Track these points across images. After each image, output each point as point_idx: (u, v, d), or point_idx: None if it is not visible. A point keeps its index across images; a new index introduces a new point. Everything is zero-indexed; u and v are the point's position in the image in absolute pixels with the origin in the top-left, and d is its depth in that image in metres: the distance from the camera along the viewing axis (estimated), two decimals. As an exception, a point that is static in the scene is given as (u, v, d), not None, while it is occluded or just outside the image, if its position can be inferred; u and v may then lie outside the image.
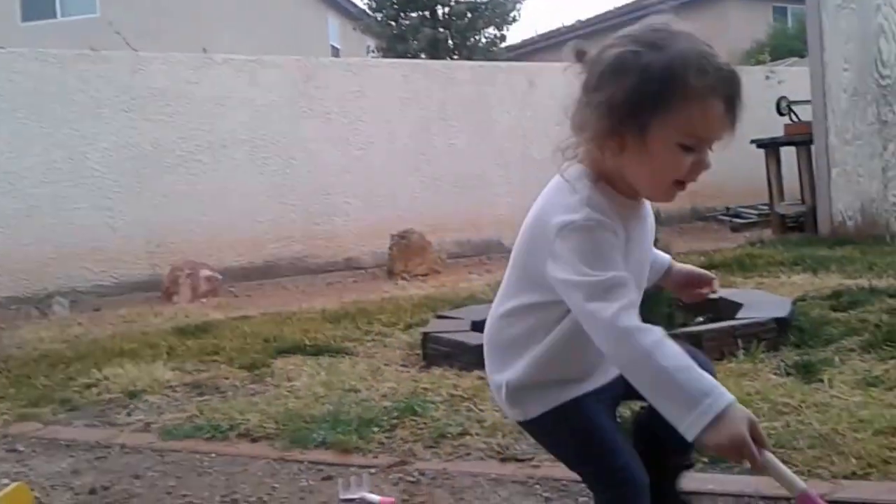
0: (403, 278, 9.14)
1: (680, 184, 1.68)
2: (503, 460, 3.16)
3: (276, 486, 3.12)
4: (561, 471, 2.99)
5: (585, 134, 1.67)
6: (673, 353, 1.57)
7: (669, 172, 1.66)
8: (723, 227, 12.16)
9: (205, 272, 8.63)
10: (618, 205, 1.70)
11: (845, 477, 2.67)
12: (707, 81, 1.56)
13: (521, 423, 1.99)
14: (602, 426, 1.85)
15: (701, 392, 1.53)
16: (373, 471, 3.15)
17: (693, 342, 4.19)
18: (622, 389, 1.87)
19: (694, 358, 1.65)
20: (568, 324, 1.80)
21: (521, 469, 3.06)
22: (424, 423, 3.61)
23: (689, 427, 1.53)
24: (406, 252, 9.48)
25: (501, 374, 1.95)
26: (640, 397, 1.72)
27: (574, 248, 1.63)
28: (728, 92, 1.59)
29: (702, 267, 7.48)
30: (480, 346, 4.46)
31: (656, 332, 1.59)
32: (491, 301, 6.78)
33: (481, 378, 4.24)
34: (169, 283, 8.56)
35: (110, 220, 9.18)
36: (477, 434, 3.44)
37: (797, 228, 9.88)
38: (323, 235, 10.25)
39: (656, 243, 4.67)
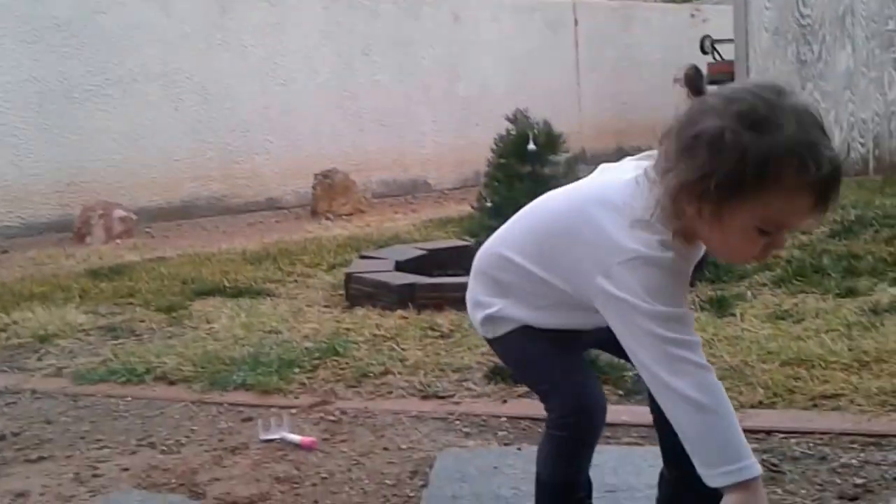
0: (327, 218, 9.04)
1: (749, 258, 1.66)
2: (424, 398, 3.18)
3: (195, 428, 3.07)
4: (481, 406, 3.03)
5: (666, 188, 1.56)
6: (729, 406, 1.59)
7: (740, 250, 1.61)
8: (646, 165, 12.29)
9: (119, 213, 8.38)
10: (683, 254, 1.65)
11: (752, 406, 2.76)
12: (806, 178, 1.45)
13: (487, 340, 1.97)
14: (550, 351, 1.85)
15: (746, 453, 1.55)
16: (293, 411, 3.13)
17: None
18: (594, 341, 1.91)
19: None
20: (565, 308, 1.79)
21: (442, 406, 3.08)
22: (346, 364, 3.60)
23: (722, 476, 1.53)
24: (330, 191, 9.36)
25: (485, 301, 1.90)
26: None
27: (641, 281, 1.57)
28: (824, 189, 1.48)
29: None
30: (404, 286, 4.56)
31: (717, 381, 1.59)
32: (415, 241, 6.76)
33: (404, 318, 4.25)
34: (81, 224, 8.30)
35: (15, 157, 8.78)
36: (399, 373, 3.44)
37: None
38: (243, 174, 10.03)
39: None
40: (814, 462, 2.39)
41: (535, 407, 2.56)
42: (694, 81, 1.61)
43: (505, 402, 3.07)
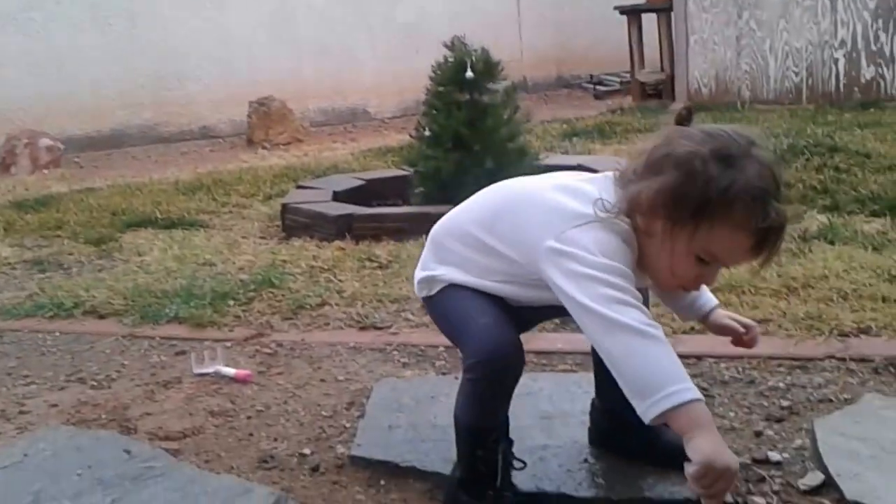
0: (264, 147, 8.88)
1: (681, 285, 1.75)
2: (362, 329, 3.16)
3: (126, 363, 3.02)
4: (418, 337, 3.03)
5: (628, 196, 1.66)
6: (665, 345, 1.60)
7: (676, 274, 1.69)
8: (587, 94, 12.30)
9: (45, 142, 8.11)
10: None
11: (684, 332, 2.81)
12: (751, 221, 1.56)
13: (423, 300, 1.98)
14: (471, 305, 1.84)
15: (676, 378, 1.55)
16: (228, 344, 3.09)
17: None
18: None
19: None
20: (513, 285, 1.81)
21: (379, 337, 3.07)
22: (282, 296, 3.56)
23: (651, 407, 1.54)
24: (266, 120, 9.18)
25: (431, 266, 1.92)
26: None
27: (595, 240, 1.63)
28: (764, 237, 1.59)
29: (564, 134, 7.50)
30: (342, 217, 4.50)
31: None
32: (354, 171, 6.65)
33: (342, 249, 4.21)
34: (5, 154, 8.02)
35: (-69, 83, 8.44)
36: (336, 304, 3.42)
37: (656, 96, 10.10)
38: (175, 102, 9.76)
39: (517, 111, 4.66)
40: (742, 385, 2.44)
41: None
42: (683, 121, 1.69)
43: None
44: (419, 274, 1.95)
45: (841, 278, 3.15)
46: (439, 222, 1.97)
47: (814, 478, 1.90)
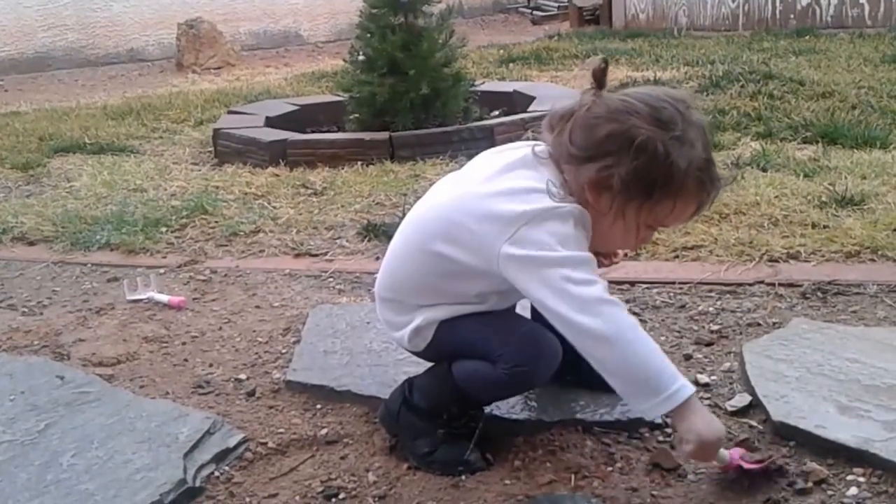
0: (194, 71, 8.65)
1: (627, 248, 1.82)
2: (297, 256, 3.14)
3: (57, 289, 2.97)
4: (354, 263, 3.02)
5: (574, 173, 1.67)
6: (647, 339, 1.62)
7: (622, 241, 1.77)
8: (524, 19, 12.19)
9: (-35, 63, 7.79)
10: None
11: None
12: (700, 191, 1.65)
13: (417, 353, 1.91)
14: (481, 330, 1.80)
15: (670, 378, 1.59)
16: (161, 271, 3.05)
17: (486, 134, 4.26)
18: None
19: None
20: (490, 299, 1.79)
21: (315, 264, 3.05)
22: (216, 222, 3.51)
23: (652, 409, 1.60)
24: (196, 43, 8.91)
25: (403, 320, 1.85)
26: None
27: (551, 232, 1.62)
28: (706, 203, 1.70)
29: (500, 60, 7.50)
30: (275, 143, 4.44)
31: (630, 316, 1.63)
32: (287, 96, 6.54)
33: (276, 175, 4.15)
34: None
35: None
36: (271, 231, 3.38)
37: (594, 21, 10.07)
38: (101, 23, 9.40)
39: (452, 35, 4.60)
40: (673, 310, 2.49)
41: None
42: (600, 76, 1.69)
43: (378, 258, 3.05)
44: (400, 334, 1.85)
45: (772, 205, 3.21)
46: (382, 277, 1.89)
47: (741, 399, 1.96)
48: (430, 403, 1.86)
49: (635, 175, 1.62)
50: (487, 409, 1.92)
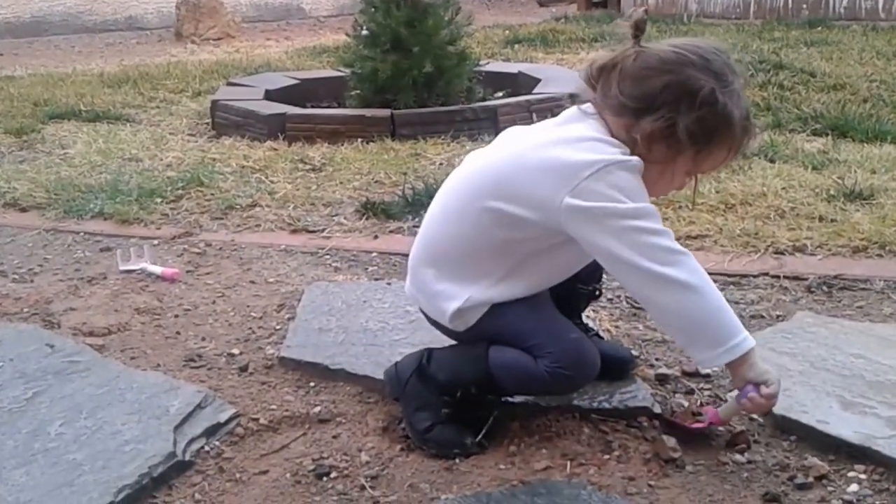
0: (193, 42, 8.58)
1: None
2: (294, 232, 3.10)
3: (49, 257, 2.92)
4: (352, 241, 2.98)
5: (626, 125, 1.67)
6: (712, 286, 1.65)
7: (665, 189, 1.78)
8: (531, 1, 12.09)
9: (-39, 26, 7.70)
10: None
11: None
12: (745, 138, 1.70)
13: (455, 333, 1.85)
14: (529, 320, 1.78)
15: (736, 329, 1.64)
16: (155, 242, 3.01)
17: (489, 114, 4.21)
18: None
19: None
20: (534, 260, 1.75)
21: (311, 240, 3.01)
22: (212, 195, 3.46)
23: (729, 351, 1.62)
24: (196, 13, 8.83)
25: (446, 291, 1.79)
26: None
27: (614, 185, 1.61)
28: (745, 150, 1.75)
29: (506, 41, 7.44)
30: (274, 116, 4.38)
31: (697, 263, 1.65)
32: (287, 69, 6.47)
33: (274, 149, 4.11)
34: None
35: None
36: (267, 206, 3.34)
37: (601, 5, 10.00)
38: (100, -11, 9.32)
39: (458, 12, 4.54)
40: (676, 300, 2.45)
41: (405, 243, 2.53)
42: (643, 26, 1.71)
43: (376, 237, 3.02)
44: (439, 306, 1.80)
45: (779, 196, 3.17)
46: (420, 246, 1.85)
47: (742, 391, 1.93)
48: (449, 378, 1.81)
49: (699, 125, 1.63)
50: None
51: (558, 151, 1.66)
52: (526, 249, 1.73)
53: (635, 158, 1.64)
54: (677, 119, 1.63)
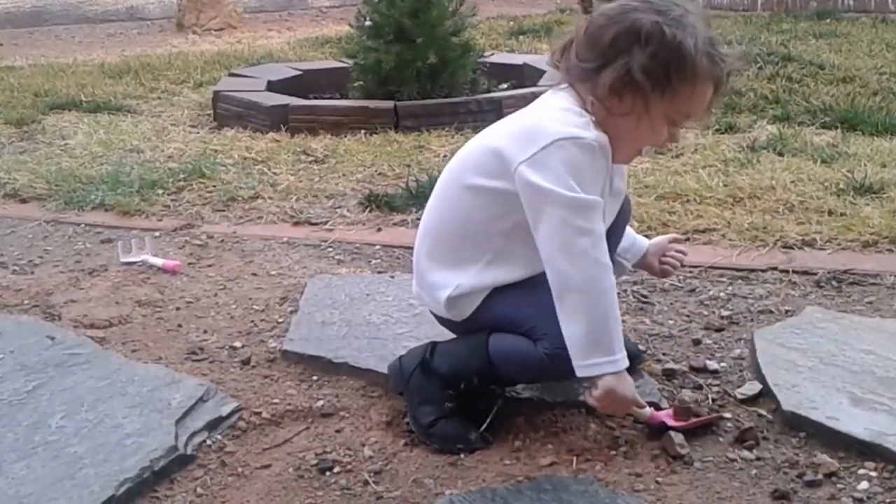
0: (194, 32, 8.54)
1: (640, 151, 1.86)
2: (296, 224, 3.07)
3: (49, 249, 2.90)
4: (355, 234, 2.95)
5: (591, 87, 1.70)
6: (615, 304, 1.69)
7: (649, 140, 1.79)
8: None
9: (-38, 16, 7.67)
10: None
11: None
12: (714, 68, 1.68)
13: (452, 323, 1.86)
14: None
15: (619, 347, 1.67)
16: (156, 234, 2.98)
17: (494, 106, 4.18)
18: None
19: None
20: (523, 223, 1.73)
21: (314, 233, 2.99)
22: (214, 186, 3.43)
23: (590, 367, 1.66)
24: (197, 3, 8.79)
25: (439, 281, 1.81)
26: None
27: (568, 162, 1.64)
28: (722, 83, 1.72)
29: (510, 32, 7.38)
30: (277, 108, 4.35)
31: (612, 278, 1.68)
32: (290, 61, 6.45)
33: (276, 141, 4.08)
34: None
35: None
36: (269, 198, 3.31)
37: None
38: (101, -21, 9.28)
39: (462, 3, 4.50)
40: (682, 294, 2.43)
41: (409, 236, 2.51)
42: (587, 3, 1.68)
43: (379, 230, 3.00)
44: (437, 296, 1.81)
45: (788, 190, 3.14)
46: (420, 238, 1.87)
47: (751, 387, 1.91)
48: (451, 370, 1.80)
49: (651, 62, 1.64)
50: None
51: (524, 120, 1.75)
52: (506, 228, 1.75)
53: (593, 135, 1.66)
54: (630, 62, 1.65)
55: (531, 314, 1.73)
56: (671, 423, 1.74)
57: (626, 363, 1.68)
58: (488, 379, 1.80)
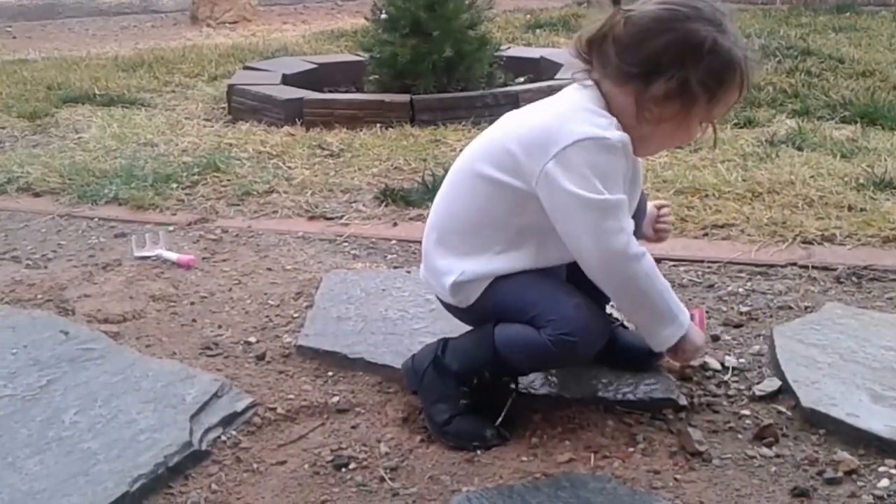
0: (208, 25, 8.54)
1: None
2: (311, 218, 3.06)
3: (63, 243, 2.90)
4: (370, 229, 2.94)
5: (633, 91, 1.68)
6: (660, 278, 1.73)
7: (682, 141, 1.88)
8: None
9: (-24, 10, 7.70)
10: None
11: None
12: (746, 80, 1.71)
13: (459, 310, 1.84)
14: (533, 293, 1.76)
15: (676, 308, 1.74)
16: (170, 228, 2.97)
17: (510, 100, 4.16)
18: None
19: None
20: (538, 220, 1.72)
21: (329, 227, 2.97)
22: (228, 180, 3.42)
23: (664, 340, 1.75)
24: (211, -4, 8.81)
25: (444, 267, 1.80)
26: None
27: (592, 163, 1.64)
28: (748, 86, 1.74)
29: (527, 25, 7.34)
30: (292, 101, 4.35)
31: (650, 259, 1.71)
32: (305, 54, 6.43)
33: (291, 134, 4.07)
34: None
35: None
36: (284, 192, 3.30)
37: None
38: (113, -29, 9.29)
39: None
40: (701, 290, 2.41)
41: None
42: None
43: (395, 224, 2.98)
44: (443, 282, 1.80)
45: (807, 185, 3.11)
46: (429, 225, 1.89)
47: (770, 384, 1.89)
48: (462, 365, 1.78)
49: (709, 74, 1.65)
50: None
51: (542, 118, 1.73)
52: (522, 223, 1.73)
53: (618, 136, 1.65)
54: (688, 74, 1.64)
55: (534, 300, 1.72)
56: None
57: (688, 317, 1.76)
58: (499, 371, 1.79)
